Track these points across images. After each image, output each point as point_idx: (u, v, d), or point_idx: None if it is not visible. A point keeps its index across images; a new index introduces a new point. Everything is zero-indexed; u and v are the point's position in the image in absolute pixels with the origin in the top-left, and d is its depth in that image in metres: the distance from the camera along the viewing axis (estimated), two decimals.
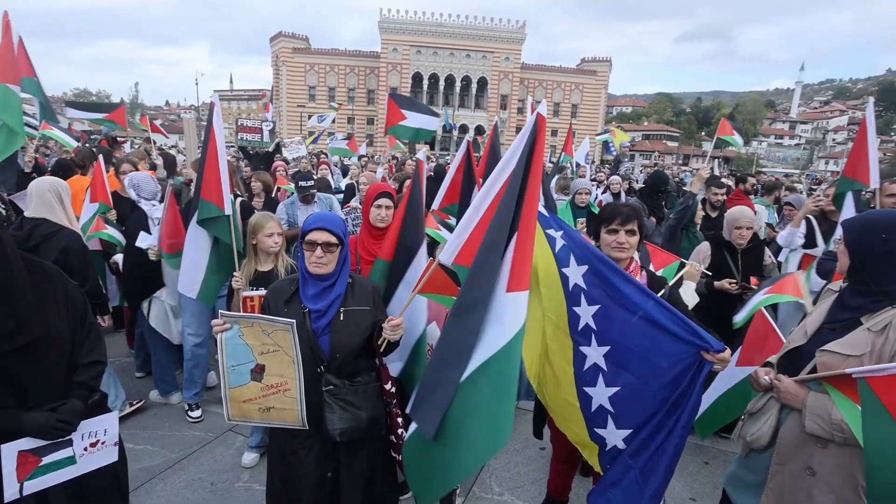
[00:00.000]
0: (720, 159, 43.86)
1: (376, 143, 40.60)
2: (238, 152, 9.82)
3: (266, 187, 5.04)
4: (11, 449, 1.57)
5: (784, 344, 1.87)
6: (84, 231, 3.59)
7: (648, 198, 5.47)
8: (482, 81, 54.56)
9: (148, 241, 3.40)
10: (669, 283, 2.18)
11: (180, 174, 6.76)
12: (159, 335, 3.60)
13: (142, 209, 3.55)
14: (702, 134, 69.54)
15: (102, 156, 4.50)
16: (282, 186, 6.18)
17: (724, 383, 2.53)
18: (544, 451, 3.20)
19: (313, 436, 1.93)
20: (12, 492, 1.58)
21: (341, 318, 1.92)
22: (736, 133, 6.77)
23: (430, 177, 6.60)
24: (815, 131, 79.36)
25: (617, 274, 1.81)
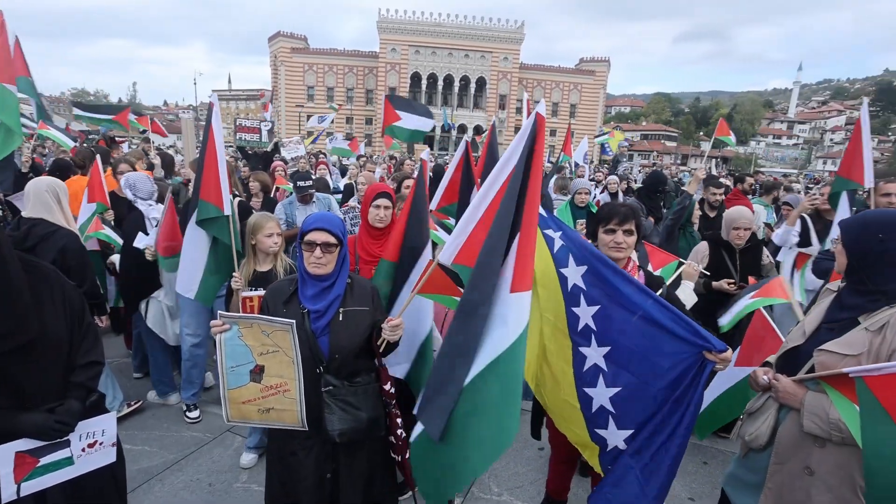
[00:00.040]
0: (718, 159, 43.94)
1: (375, 143, 40.54)
2: (236, 152, 9.80)
3: (264, 187, 5.03)
4: (9, 450, 1.56)
5: (783, 344, 1.88)
6: (82, 231, 3.58)
7: (646, 198, 5.48)
8: (481, 81, 54.56)
9: (145, 242, 3.39)
10: (667, 283, 2.19)
11: (178, 174, 6.75)
12: (157, 336, 3.60)
13: (139, 209, 3.54)
14: (700, 134, 69.70)
15: (100, 156, 4.49)
16: (280, 186, 6.17)
17: (723, 383, 2.53)
18: (543, 452, 3.20)
19: (313, 437, 1.92)
20: (10, 493, 1.57)
21: (340, 319, 1.92)
22: (731, 132, 6.87)
23: (430, 177, 6.59)
24: (813, 131, 79.57)
25: (616, 274, 1.81)
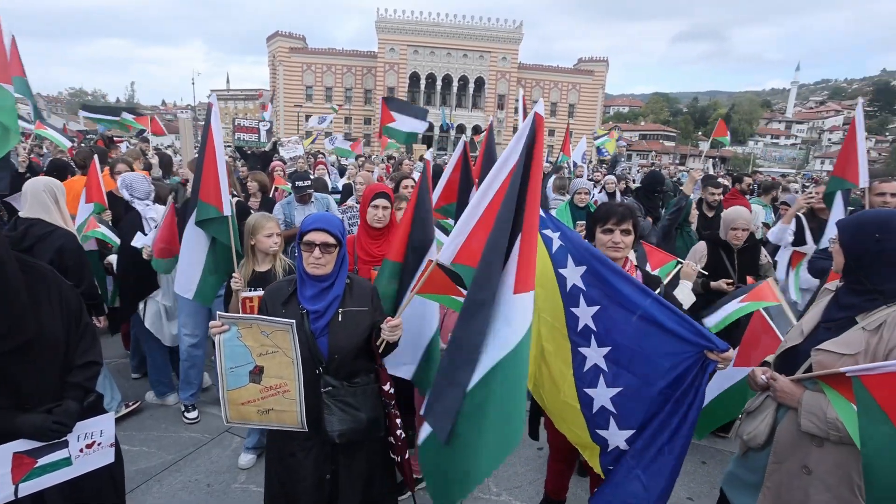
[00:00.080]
0: (717, 159, 44.07)
1: (373, 143, 40.52)
2: (234, 152, 9.79)
3: (262, 187, 5.03)
4: (6, 450, 1.56)
5: (781, 343, 1.88)
6: (79, 231, 3.57)
7: (645, 198, 5.50)
8: (479, 81, 54.55)
9: (143, 241, 3.38)
10: (664, 283, 2.19)
11: (176, 174, 6.74)
12: (154, 336, 3.59)
13: (136, 209, 3.54)
14: (698, 134, 69.81)
15: (98, 156, 4.48)
16: (279, 187, 6.16)
17: (722, 383, 2.53)
18: (542, 452, 3.20)
19: (312, 437, 1.92)
20: (7, 493, 1.57)
21: (340, 319, 1.91)
22: (728, 133, 6.93)
23: None
24: (811, 131, 79.73)
25: (616, 274, 1.81)
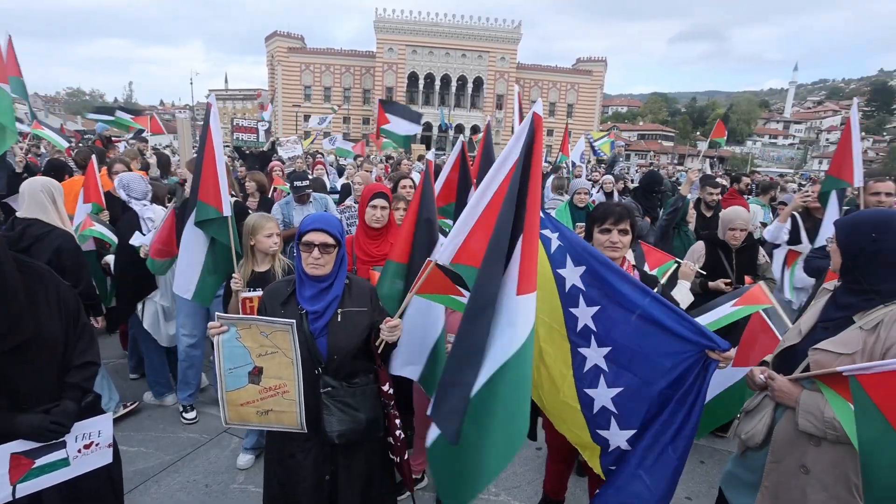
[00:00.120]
0: (715, 159, 44.12)
1: (372, 143, 40.48)
2: (233, 152, 9.77)
3: (260, 187, 5.01)
4: (4, 451, 1.56)
5: (779, 343, 1.89)
6: (75, 231, 3.55)
7: (643, 198, 5.52)
8: (478, 81, 54.56)
9: (141, 240, 3.38)
10: (662, 282, 2.19)
11: (174, 174, 6.73)
12: (152, 337, 3.58)
13: (133, 210, 3.53)
14: (697, 134, 69.93)
15: (95, 156, 4.47)
16: (278, 187, 6.15)
17: (721, 383, 2.54)
18: (540, 452, 3.21)
19: (311, 438, 1.92)
20: (5, 494, 1.57)
21: (339, 320, 1.91)
22: (725, 134, 6.98)
23: None
24: (809, 131, 79.93)
25: (615, 273, 1.81)
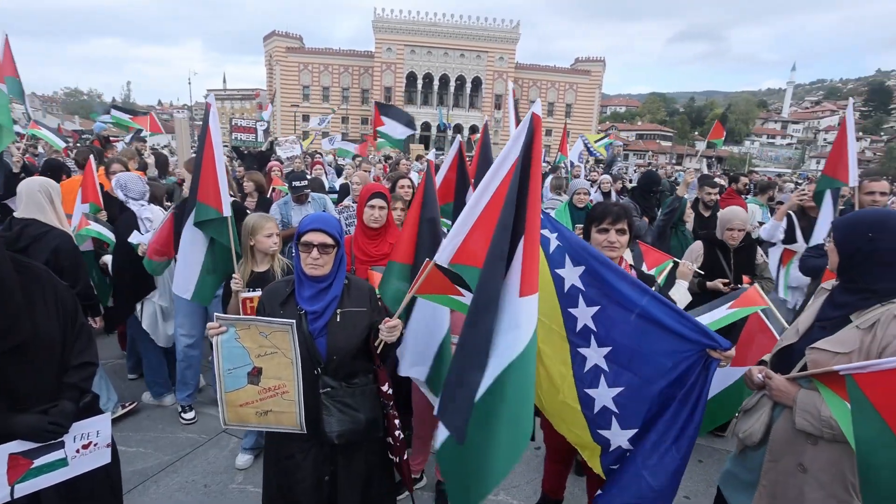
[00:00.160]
0: (713, 159, 44.24)
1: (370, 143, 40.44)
2: (231, 152, 9.76)
3: (258, 187, 5.01)
4: (2, 451, 1.56)
5: (777, 342, 1.89)
6: (74, 231, 3.54)
7: (641, 198, 5.51)
8: (476, 81, 54.55)
9: (139, 239, 3.37)
10: (658, 282, 2.20)
11: (172, 174, 6.72)
12: (150, 337, 3.58)
13: (131, 210, 3.52)
14: (695, 133, 70.05)
15: (93, 155, 4.46)
16: (277, 187, 6.13)
17: (719, 382, 2.54)
18: (539, 451, 3.21)
19: (311, 439, 1.92)
20: (3, 494, 1.56)
21: (338, 320, 1.91)
22: (723, 134, 7.00)
23: None
24: (807, 131, 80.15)
25: (614, 273, 1.81)
